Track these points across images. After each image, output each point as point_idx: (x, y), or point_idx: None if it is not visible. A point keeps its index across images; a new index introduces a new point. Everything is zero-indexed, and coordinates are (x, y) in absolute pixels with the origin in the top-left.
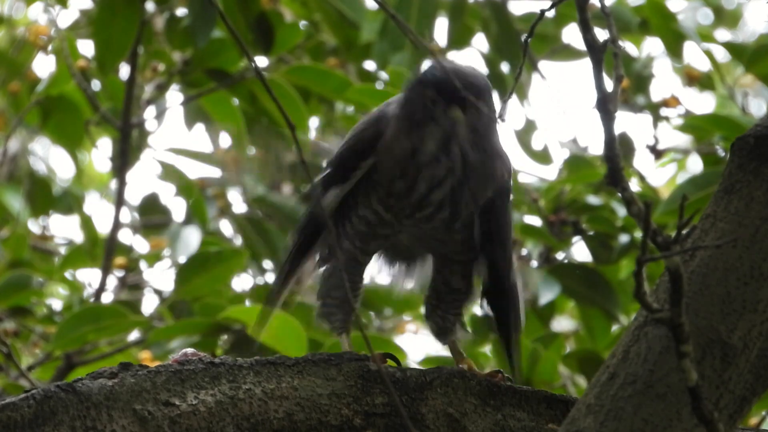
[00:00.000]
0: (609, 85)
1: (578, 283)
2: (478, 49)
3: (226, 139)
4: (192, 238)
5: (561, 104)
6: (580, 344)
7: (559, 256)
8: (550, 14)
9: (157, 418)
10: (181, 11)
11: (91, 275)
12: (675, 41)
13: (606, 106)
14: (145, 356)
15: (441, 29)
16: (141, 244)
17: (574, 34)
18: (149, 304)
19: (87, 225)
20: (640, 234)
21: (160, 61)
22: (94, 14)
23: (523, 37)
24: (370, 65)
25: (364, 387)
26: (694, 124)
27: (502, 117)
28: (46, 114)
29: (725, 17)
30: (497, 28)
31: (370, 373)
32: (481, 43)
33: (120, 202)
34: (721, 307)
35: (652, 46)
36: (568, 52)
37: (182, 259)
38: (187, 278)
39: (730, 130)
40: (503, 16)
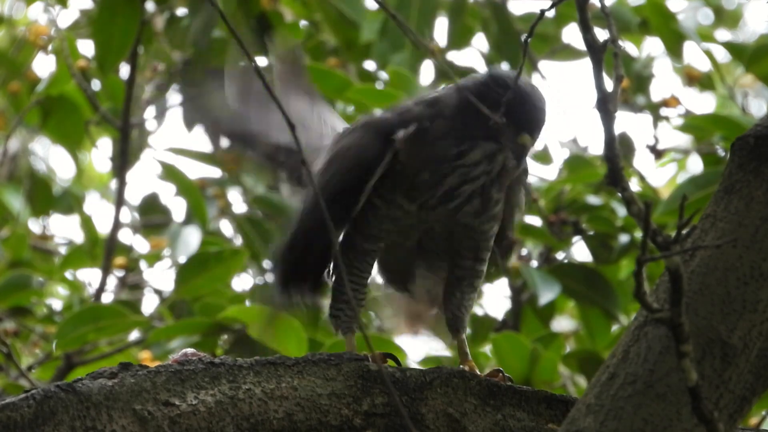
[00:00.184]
0: (609, 85)
1: (578, 283)
2: (478, 49)
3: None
4: (192, 238)
5: (561, 104)
6: (580, 344)
7: (559, 256)
8: (550, 14)
9: (157, 418)
10: (181, 11)
11: (91, 275)
12: (675, 41)
13: (606, 106)
14: (145, 356)
15: (441, 29)
16: (141, 244)
17: (574, 34)
18: (149, 304)
19: (87, 225)
20: (640, 234)
21: (160, 61)
22: (94, 14)
23: (523, 37)
24: (370, 65)
25: (364, 387)
26: (694, 124)
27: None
28: (46, 114)
29: (725, 17)
30: (497, 28)
31: (370, 373)
32: (481, 43)
33: (120, 202)
34: (721, 307)
35: (652, 46)
36: (568, 52)
37: (182, 259)
38: (187, 278)
39: (730, 130)
40: (503, 16)
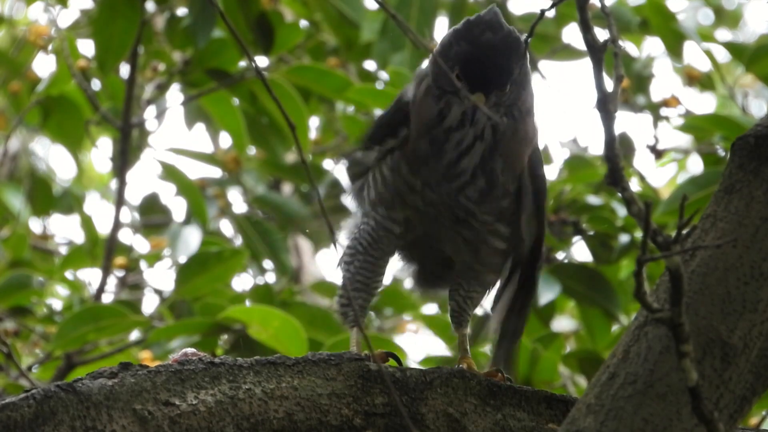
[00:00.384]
0: (609, 85)
1: (578, 283)
2: None
3: (226, 139)
4: (192, 238)
5: (561, 104)
6: (580, 344)
7: (559, 256)
8: (550, 14)
9: (157, 418)
10: (181, 11)
11: (91, 275)
12: (675, 41)
13: (606, 106)
14: (145, 356)
15: (441, 29)
16: (141, 244)
17: (574, 34)
18: (149, 304)
19: (87, 225)
20: (640, 234)
21: (161, 60)
22: (94, 14)
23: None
24: (370, 65)
25: (364, 387)
26: (695, 124)
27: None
28: (46, 114)
29: (725, 17)
30: None
31: (370, 373)
32: None
33: (120, 201)
34: (721, 307)
35: (652, 46)
36: (568, 52)
37: (182, 259)
38: (188, 278)
39: (731, 130)
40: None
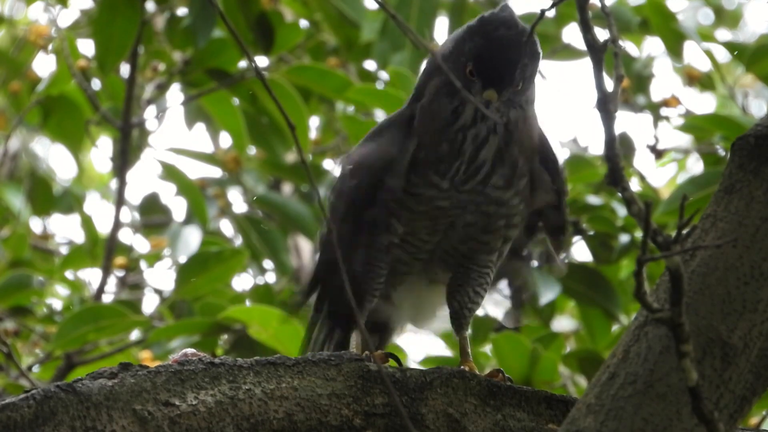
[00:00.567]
0: (609, 85)
1: (578, 283)
2: None
3: (226, 139)
4: (192, 238)
5: (561, 104)
6: (580, 344)
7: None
8: (550, 14)
9: (157, 418)
10: (181, 11)
11: (92, 275)
12: (675, 41)
13: (606, 105)
14: (145, 356)
15: (441, 29)
16: (141, 244)
17: (575, 34)
18: (149, 304)
19: (87, 225)
20: (640, 234)
21: (161, 60)
22: (94, 14)
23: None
24: (370, 65)
25: (364, 387)
26: (695, 124)
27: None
28: (46, 114)
29: (725, 17)
30: None
31: (370, 373)
32: None
33: (120, 201)
34: (721, 307)
35: (652, 46)
36: (569, 52)
37: (182, 259)
38: (188, 278)
39: (731, 130)
40: None
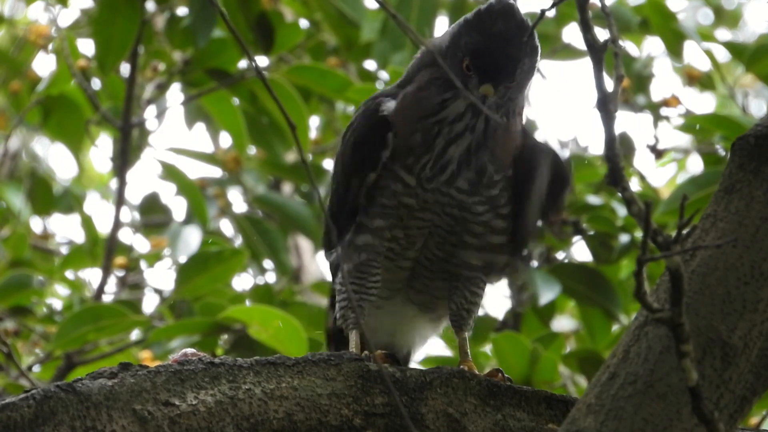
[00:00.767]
0: (609, 85)
1: (578, 283)
2: None
3: (226, 139)
4: (192, 238)
5: (561, 104)
6: (580, 344)
7: (559, 256)
8: (551, 14)
9: (157, 418)
10: (181, 11)
11: (92, 275)
12: (675, 41)
13: (606, 105)
14: (145, 356)
15: (441, 28)
16: (141, 244)
17: (575, 34)
18: (149, 304)
19: (87, 224)
20: (640, 234)
21: (161, 60)
22: (94, 14)
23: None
24: (370, 65)
25: (364, 387)
26: (695, 124)
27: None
28: (46, 113)
29: (725, 17)
30: None
31: (370, 373)
32: None
33: (120, 201)
34: (721, 307)
35: (652, 46)
36: (569, 52)
37: (182, 259)
38: (188, 278)
39: (731, 130)
40: None
